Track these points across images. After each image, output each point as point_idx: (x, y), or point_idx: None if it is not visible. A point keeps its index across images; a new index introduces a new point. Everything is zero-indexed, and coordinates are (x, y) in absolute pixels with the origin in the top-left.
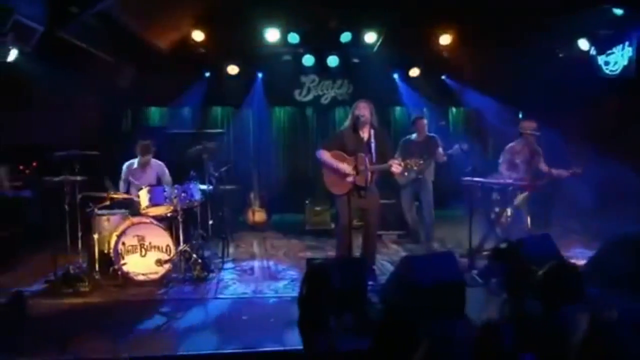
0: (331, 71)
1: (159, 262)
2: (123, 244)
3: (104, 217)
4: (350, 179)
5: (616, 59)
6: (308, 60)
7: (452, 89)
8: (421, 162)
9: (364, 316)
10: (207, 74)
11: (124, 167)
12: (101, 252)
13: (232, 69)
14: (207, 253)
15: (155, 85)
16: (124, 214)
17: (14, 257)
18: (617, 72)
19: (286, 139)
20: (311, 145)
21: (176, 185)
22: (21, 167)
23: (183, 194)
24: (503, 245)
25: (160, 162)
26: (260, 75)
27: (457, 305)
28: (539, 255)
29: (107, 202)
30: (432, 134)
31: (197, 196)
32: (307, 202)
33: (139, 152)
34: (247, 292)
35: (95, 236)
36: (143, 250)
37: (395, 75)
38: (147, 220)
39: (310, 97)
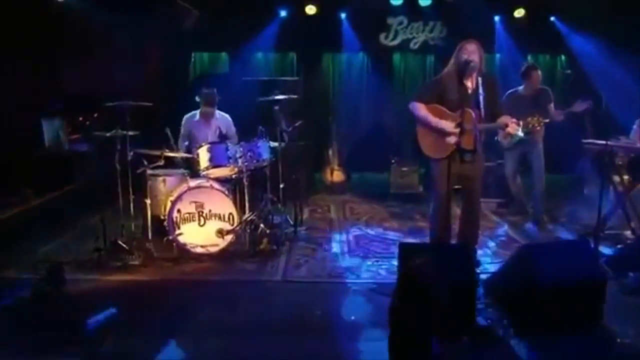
0: (422, 12)
1: (220, 233)
2: (179, 211)
3: (160, 179)
4: (453, 138)
5: None
6: None
7: (563, 34)
8: (546, 120)
9: (475, 333)
10: (282, 14)
11: (184, 120)
12: (156, 217)
13: (310, 9)
14: (277, 220)
15: (224, 27)
16: (183, 175)
17: (62, 221)
18: None
19: (370, 89)
20: (398, 95)
21: (242, 143)
22: (81, 119)
23: (249, 153)
24: None
25: (225, 115)
26: (342, 15)
27: (593, 310)
28: None
29: (161, 162)
30: (544, 87)
31: (266, 155)
32: (392, 161)
33: (202, 102)
34: (322, 275)
35: (148, 201)
36: (202, 218)
37: (496, 18)
38: (207, 184)
39: (397, 41)
